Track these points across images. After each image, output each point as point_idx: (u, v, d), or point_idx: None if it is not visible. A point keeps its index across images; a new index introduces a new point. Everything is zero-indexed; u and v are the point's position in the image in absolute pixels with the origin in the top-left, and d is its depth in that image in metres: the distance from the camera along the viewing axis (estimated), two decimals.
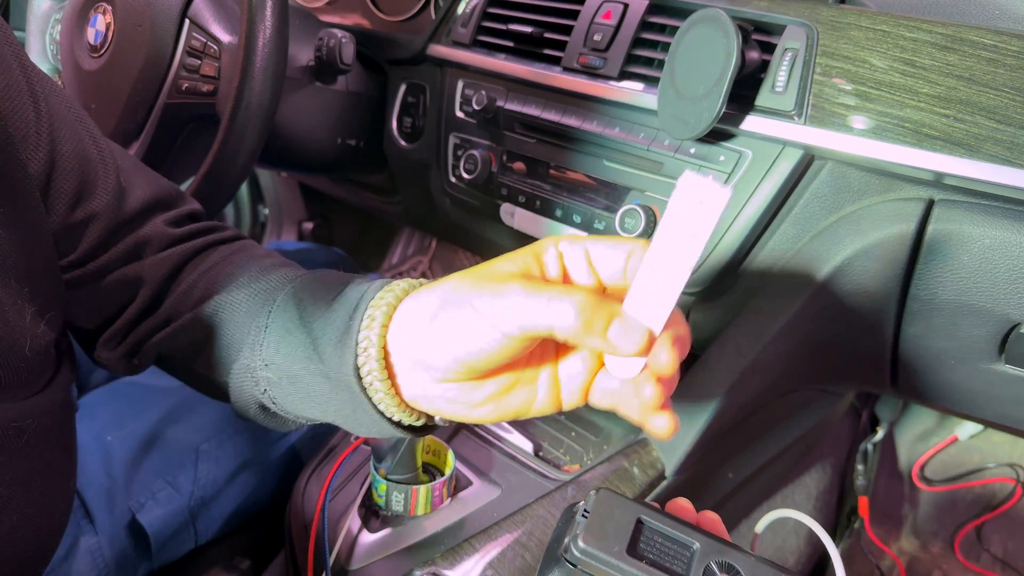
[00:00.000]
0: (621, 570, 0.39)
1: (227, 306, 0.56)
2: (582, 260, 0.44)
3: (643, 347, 0.38)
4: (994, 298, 0.59)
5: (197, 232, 0.62)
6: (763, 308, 0.68)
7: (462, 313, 0.42)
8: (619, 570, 0.39)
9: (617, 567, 0.39)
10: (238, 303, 0.56)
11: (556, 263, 0.44)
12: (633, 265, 0.42)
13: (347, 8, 1.05)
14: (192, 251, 0.60)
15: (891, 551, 1.23)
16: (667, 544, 0.41)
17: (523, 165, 0.81)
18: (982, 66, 0.56)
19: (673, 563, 0.40)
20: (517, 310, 0.40)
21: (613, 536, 0.40)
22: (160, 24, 0.79)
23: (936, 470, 1.28)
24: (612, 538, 0.40)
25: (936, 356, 0.68)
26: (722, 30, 0.62)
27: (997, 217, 0.57)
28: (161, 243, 0.60)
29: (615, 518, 0.41)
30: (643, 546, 0.41)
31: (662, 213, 0.70)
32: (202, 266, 0.60)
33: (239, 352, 0.55)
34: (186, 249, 0.60)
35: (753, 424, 0.81)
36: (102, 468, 0.76)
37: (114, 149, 0.58)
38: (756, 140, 0.65)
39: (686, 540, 0.41)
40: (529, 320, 0.40)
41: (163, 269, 0.59)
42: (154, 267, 0.59)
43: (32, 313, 0.48)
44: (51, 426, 0.54)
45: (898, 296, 0.63)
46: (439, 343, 0.43)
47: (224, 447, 0.84)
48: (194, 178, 0.75)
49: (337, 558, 0.69)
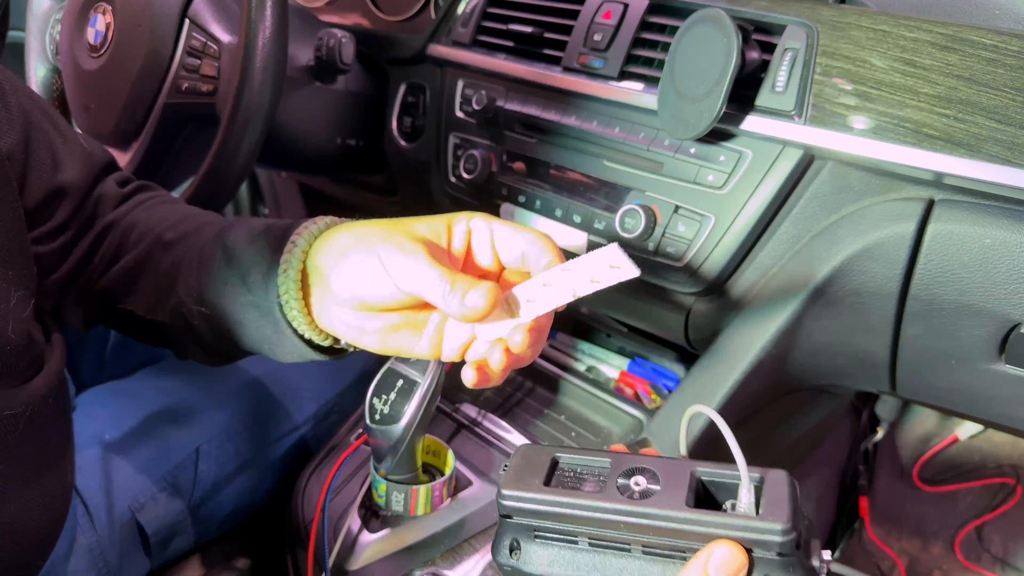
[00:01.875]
0: (543, 502, 0.41)
1: (158, 247, 0.62)
2: (487, 239, 0.51)
3: (478, 316, 0.47)
4: (994, 298, 0.59)
5: (139, 188, 0.69)
6: (763, 308, 0.68)
7: (368, 259, 0.49)
8: (541, 502, 0.42)
9: (538, 500, 0.41)
10: (169, 242, 0.61)
11: (463, 237, 0.51)
12: (530, 252, 0.49)
13: (347, 8, 1.05)
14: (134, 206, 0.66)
15: (891, 551, 1.23)
16: (582, 471, 0.44)
17: (523, 165, 0.81)
18: (982, 66, 0.56)
19: (589, 484, 0.43)
20: (413, 273, 0.48)
21: (530, 478, 0.43)
22: (160, 24, 0.79)
23: (936, 470, 1.28)
24: (529, 479, 0.43)
25: (936, 356, 0.68)
26: (722, 30, 0.62)
27: (997, 217, 0.57)
28: (114, 201, 0.65)
29: (532, 464, 0.44)
30: (559, 478, 0.44)
31: (662, 213, 0.70)
32: (137, 211, 0.66)
33: (171, 290, 0.60)
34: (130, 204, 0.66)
35: (753, 424, 0.81)
36: (101, 468, 0.76)
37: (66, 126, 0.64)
38: (756, 140, 0.65)
39: (598, 461, 0.44)
40: (418, 287, 0.48)
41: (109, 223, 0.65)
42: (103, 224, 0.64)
43: (18, 297, 0.49)
44: (46, 415, 0.55)
45: (898, 296, 0.63)
46: (343, 276, 0.51)
47: (224, 447, 0.84)
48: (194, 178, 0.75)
49: (337, 558, 0.69)
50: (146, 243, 0.62)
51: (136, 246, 0.63)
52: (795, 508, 0.39)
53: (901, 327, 0.66)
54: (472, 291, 0.46)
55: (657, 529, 0.40)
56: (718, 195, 0.67)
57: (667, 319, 0.77)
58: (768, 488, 0.40)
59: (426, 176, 0.92)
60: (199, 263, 0.58)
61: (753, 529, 0.38)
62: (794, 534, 0.38)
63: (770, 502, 0.39)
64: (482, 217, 0.52)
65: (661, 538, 0.40)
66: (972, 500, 1.23)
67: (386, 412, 0.64)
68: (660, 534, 0.40)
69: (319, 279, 0.53)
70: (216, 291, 0.58)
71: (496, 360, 0.49)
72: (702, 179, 0.68)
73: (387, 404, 0.64)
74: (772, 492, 0.40)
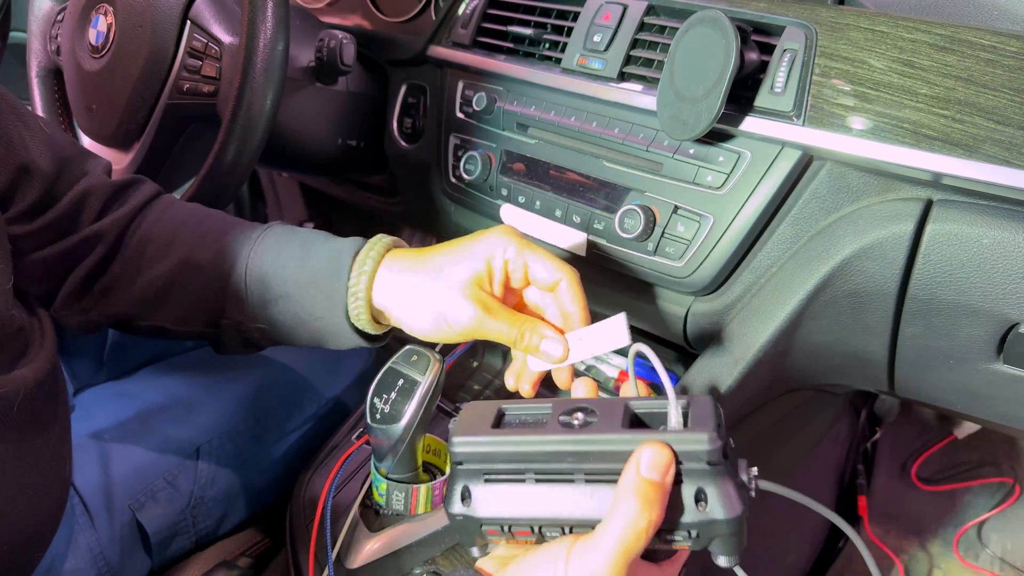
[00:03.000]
0: (491, 443, 0.46)
1: (188, 268, 0.65)
2: (521, 270, 0.59)
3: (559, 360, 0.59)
4: (992, 298, 0.59)
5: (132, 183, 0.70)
6: (762, 308, 0.69)
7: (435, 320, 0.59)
8: (489, 444, 0.46)
9: (487, 443, 0.46)
10: (206, 262, 0.65)
11: (501, 271, 0.59)
12: (561, 286, 0.59)
13: (348, 9, 1.05)
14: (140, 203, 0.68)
15: (890, 550, 1.24)
16: (526, 415, 0.48)
17: (523, 166, 0.81)
18: (980, 67, 0.56)
19: (534, 426, 0.47)
20: (479, 332, 0.58)
21: (479, 425, 0.47)
22: (161, 25, 0.79)
23: (935, 469, 1.28)
24: (478, 426, 0.47)
25: (935, 356, 0.68)
26: (721, 31, 0.62)
27: (995, 217, 0.57)
28: (104, 192, 0.67)
29: (479, 415, 0.48)
30: (505, 422, 0.48)
31: (661, 214, 0.70)
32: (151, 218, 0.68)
33: (217, 308, 0.65)
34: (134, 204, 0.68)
35: (752, 423, 0.82)
36: (100, 467, 0.76)
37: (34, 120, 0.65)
38: (755, 141, 0.66)
39: (541, 407, 0.48)
40: (488, 337, 0.58)
41: (117, 226, 0.66)
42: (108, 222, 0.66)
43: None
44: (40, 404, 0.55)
45: (896, 296, 0.63)
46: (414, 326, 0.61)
47: (224, 447, 0.84)
48: (195, 179, 0.76)
49: (338, 557, 0.70)
50: (172, 262, 0.65)
51: (158, 263, 0.65)
52: (719, 423, 0.43)
53: (899, 327, 0.66)
54: (546, 340, 0.59)
55: (596, 454, 0.44)
56: (717, 195, 0.67)
57: (666, 319, 0.77)
58: (694, 409, 0.44)
59: (427, 176, 0.92)
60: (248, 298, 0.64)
61: (682, 441, 0.42)
62: (720, 443, 0.42)
63: (696, 420, 0.43)
64: (515, 247, 0.59)
65: (601, 463, 0.44)
66: (971, 499, 1.23)
67: (387, 411, 0.64)
68: (600, 459, 0.44)
69: (386, 313, 0.62)
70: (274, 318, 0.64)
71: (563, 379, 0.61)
72: (701, 179, 0.68)
73: (388, 403, 0.64)
74: (698, 412, 0.44)
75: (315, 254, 0.63)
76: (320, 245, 0.64)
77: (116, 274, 0.66)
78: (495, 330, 0.58)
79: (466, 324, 0.58)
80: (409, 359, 0.65)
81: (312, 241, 0.64)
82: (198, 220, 0.68)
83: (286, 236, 0.65)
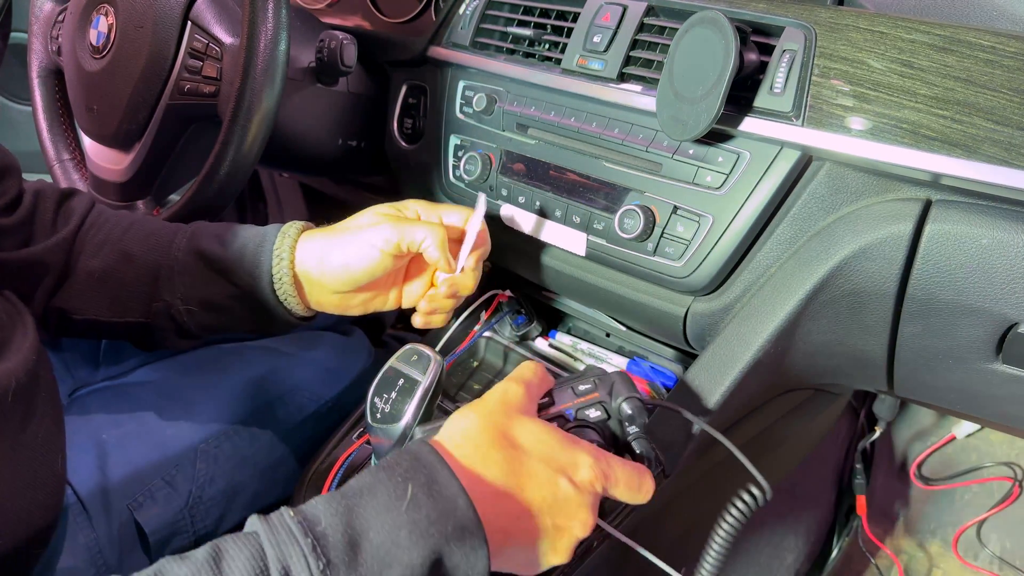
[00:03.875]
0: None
1: (127, 254, 0.72)
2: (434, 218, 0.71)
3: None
4: (991, 298, 0.59)
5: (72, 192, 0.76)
6: (761, 308, 0.69)
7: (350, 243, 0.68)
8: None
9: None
10: (138, 251, 0.72)
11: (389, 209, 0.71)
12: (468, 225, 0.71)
13: (348, 10, 1.05)
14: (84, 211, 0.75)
15: (889, 550, 1.24)
16: None
17: (523, 166, 0.81)
18: (980, 67, 0.57)
19: None
20: (393, 231, 0.67)
21: None
22: (162, 25, 0.79)
23: (934, 469, 1.28)
24: None
25: (934, 356, 0.68)
26: (720, 32, 0.62)
27: (995, 217, 0.57)
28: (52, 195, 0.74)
29: None
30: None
31: (661, 214, 0.70)
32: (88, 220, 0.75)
33: (150, 293, 0.72)
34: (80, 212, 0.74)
35: (751, 423, 0.82)
36: (97, 466, 0.76)
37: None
38: (754, 141, 0.66)
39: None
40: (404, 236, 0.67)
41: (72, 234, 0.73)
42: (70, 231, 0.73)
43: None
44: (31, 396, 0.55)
45: (896, 296, 0.63)
46: (333, 267, 0.69)
47: (222, 447, 0.84)
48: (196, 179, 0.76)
49: None
50: (106, 254, 0.72)
51: (94, 257, 0.72)
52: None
53: (899, 327, 0.66)
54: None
55: None
56: (716, 196, 0.68)
57: (666, 319, 0.77)
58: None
59: (427, 177, 0.92)
60: (180, 272, 0.71)
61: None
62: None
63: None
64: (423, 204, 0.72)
65: None
66: (970, 499, 1.24)
67: (387, 411, 0.64)
68: None
69: (308, 280, 0.71)
70: (204, 296, 0.71)
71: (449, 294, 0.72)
72: (700, 180, 0.68)
73: (388, 403, 0.64)
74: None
75: (242, 232, 0.72)
76: (246, 228, 0.73)
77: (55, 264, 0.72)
78: (412, 230, 0.67)
79: (387, 237, 0.66)
80: (409, 359, 0.66)
81: (238, 225, 0.74)
82: (129, 220, 0.76)
83: (215, 223, 0.75)
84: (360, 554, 0.42)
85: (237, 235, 0.72)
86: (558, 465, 0.51)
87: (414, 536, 0.44)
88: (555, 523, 0.51)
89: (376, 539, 0.43)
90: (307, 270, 0.70)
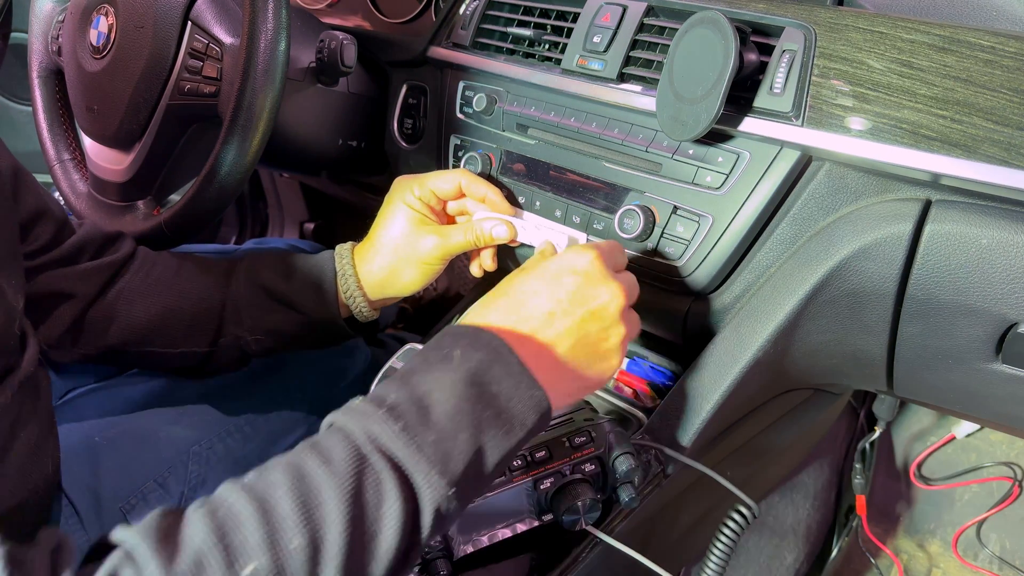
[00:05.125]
0: None
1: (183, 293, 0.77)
2: (431, 195, 0.75)
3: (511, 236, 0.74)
4: (991, 298, 0.59)
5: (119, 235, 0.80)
6: (761, 308, 0.69)
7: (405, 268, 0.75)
8: None
9: None
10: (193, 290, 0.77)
11: (421, 204, 0.75)
12: (463, 185, 0.75)
13: (348, 10, 1.05)
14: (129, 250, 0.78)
15: (889, 550, 1.24)
16: None
17: (523, 166, 0.81)
18: (979, 67, 0.57)
19: None
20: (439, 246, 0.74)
21: None
22: (162, 25, 0.79)
23: (933, 469, 1.28)
24: None
25: (933, 356, 0.68)
26: (720, 32, 0.62)
27: (994, 217, 0.57)
28: (97, 240, 0.77)
29: None
30: None
31: (661, 214, 0.70)
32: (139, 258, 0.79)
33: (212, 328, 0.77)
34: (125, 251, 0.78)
35: (751, 423, 0.82)
36: (89, 469, 0.75)
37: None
38: (754, 141, 0.66)
39: None
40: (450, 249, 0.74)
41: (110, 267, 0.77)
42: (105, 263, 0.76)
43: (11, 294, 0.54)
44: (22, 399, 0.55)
45: (895, 296, 0.63)
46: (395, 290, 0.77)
47: (215, 448, 0.83)
48: (196, 179, 0.76)
49: None
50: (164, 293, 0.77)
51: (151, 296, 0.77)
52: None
53: (898, 327, 0.66)
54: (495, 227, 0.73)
55: None
56: (716, 196, 0.68)
57: (665, 319, 0.77)
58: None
59: None
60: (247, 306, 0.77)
61: None
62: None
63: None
64: (415, 183, 0.75)
65: None
66: (970, 499, 1.24)
67: None
68: None
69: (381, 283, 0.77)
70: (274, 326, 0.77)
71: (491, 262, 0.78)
72: (700, 180, 0.68)
73: None
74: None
75: (299, 261, 0.78)
76: (302, 257, 0.78)
77: (111, 308, 0.76)
78: (456, 242, 0.73)
79: (433, 250, 0.73)
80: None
81: (292, 254, 0.79)
82: (180, 260, 0.80)
83: (267, 255, 0.80)
84: (430, 413, 0.47)
85: (295, 266, 0.78)
86: (553, 283, 0.57)
87: (472, 386, 0.49)
88: (588, 333, 0.56)
89: (439, 396, 0.48)
90: (371, 285, 0.76)
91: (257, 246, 1.14)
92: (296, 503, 0.43)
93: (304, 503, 0.43)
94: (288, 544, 0.42)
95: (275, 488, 0.44)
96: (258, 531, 0.42)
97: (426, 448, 0.46)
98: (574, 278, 0.57)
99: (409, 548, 0.46)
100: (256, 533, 0.42)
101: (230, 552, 0.41)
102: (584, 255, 0.58)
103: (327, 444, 0.47)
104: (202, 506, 0.44)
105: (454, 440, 0.47)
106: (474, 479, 0.48)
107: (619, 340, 0.58)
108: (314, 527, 0.43)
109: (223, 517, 0.43)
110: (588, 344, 0.56)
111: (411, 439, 0.46)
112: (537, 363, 0.52)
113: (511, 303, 0.56)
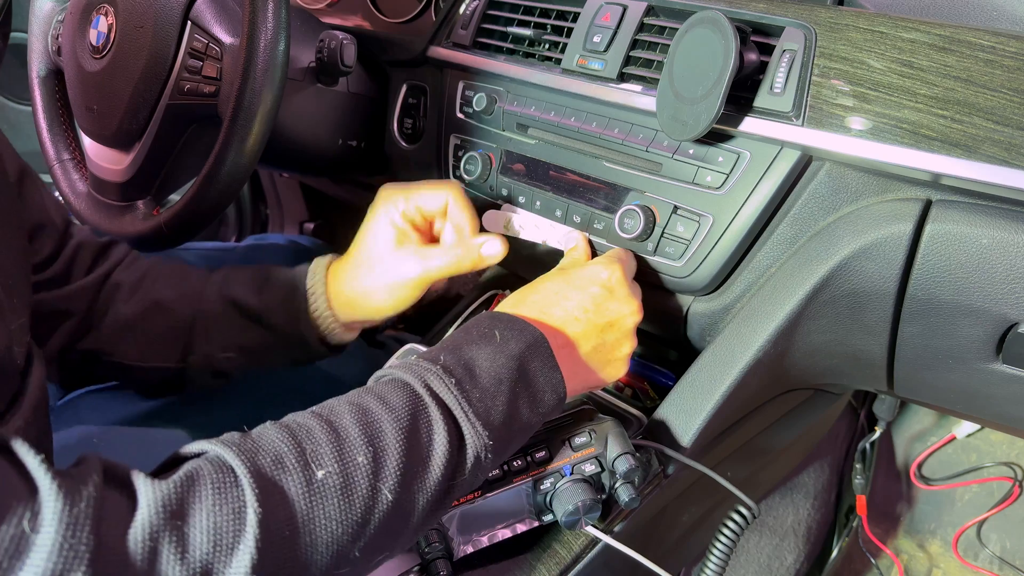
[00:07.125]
0: None
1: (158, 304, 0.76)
2: (416, 211, 0.73)
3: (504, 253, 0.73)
4: (991, 298, 0.59)
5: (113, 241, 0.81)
6: (761, 308, 0.69)
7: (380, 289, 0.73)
8: None
9: None
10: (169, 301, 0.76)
11: (405, 222, 0.73)
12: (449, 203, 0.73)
13: (348, 10, 1.05)
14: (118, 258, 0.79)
15: (889, 550, 1.24)
16: None
17: (523, 166, 0.81)
18: (980, 67, 0.57)
19: None
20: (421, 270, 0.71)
21: None
22: (162, 25, 0.79)
23: (934, 469, 1.28)
24: None
25: (934, 356, 0.68)
26: (720, 32, 0.62)
27: (995, 217, 0.57)
28: (92, 247, 0.78)
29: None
30: None
31: (661, 214, 0.70)
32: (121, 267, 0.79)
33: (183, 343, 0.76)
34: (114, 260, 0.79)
35: (751, 423, 0.82)
36: None
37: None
38: (754, 141, 0.66)
39: None
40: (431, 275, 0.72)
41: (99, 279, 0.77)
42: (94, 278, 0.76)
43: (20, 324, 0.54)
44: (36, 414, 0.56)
45: (895, 296, 0.63)
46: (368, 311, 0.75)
47: None
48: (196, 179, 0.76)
49: None
50: (137, 302, 0.76)
51: (124, 303, 0.76)
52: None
53: (899, 327, 0.66)
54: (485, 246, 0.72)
55: None
56: (716, 195, 0.68)
57: (666, 319, 0.77)
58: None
59: (427, 177, 0.92)
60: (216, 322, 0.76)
61: None
62: None
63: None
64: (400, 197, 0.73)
65: None
66: (970, 499, 1.24)
67: None
68: None
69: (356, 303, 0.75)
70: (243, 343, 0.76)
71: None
72: (700, 180, 0.68)
73: None
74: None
75: (273, 274, 0.77)
76: (276, 270, 0.77)
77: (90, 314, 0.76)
78: (438, 266, 0.71)
79: (411, 274, 0.71)
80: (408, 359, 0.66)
81: (267, 267, 0.78)
82: (163, 268, 0.80)
83: (242, 270, 0.78)
84: (476, 377, 0.54)
85: (269, 280, 0.77)
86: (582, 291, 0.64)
87: (511, 359, 0.56)
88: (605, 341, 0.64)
89: (484, 364, 0.55)
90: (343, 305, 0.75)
91: (257, 242, 1.14)
92: (360, 428, 0.49)
93: (366, 430, 0.49)
94: (355, 458, 0.47)
95: (341, 415, 0.50)
96: (329, 443, 0.47)
97: (474, 402, 0.53)
98: (601, 290, 0.64)
99: (450, 488, 0.51)
100: (327, 445, 0.47)
101: (306, 454, 0.46)
102: (612, 270, 0.65)
103: (384, 390, 0.52)
104: (271, 424, 0.50)
105: (494, 400, 0.53)
106: (505, 439, 0.55)
107: (628, 352, 0.65)
108: (377, 450, 0.48)
109: (296, 429, 0.48)
110: (604, 350, 0.63)
111: (463, 393, 0.52)
112: (560, 354, 0.59)
113: (544, 301, 0.63)
